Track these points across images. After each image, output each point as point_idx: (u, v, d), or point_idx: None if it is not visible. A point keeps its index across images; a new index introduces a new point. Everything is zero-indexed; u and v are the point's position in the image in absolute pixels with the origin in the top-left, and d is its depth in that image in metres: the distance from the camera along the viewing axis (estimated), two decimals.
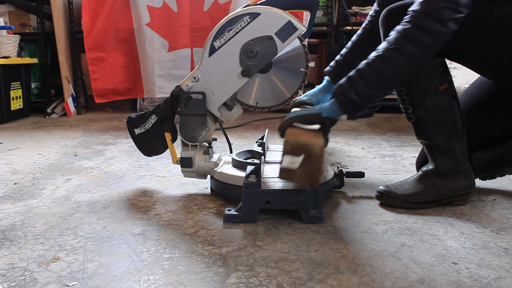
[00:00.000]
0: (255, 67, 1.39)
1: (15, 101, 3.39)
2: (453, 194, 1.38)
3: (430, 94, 1.35)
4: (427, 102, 1.35)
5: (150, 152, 1.59)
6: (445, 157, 1.37)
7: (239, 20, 1.37)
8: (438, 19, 1.15)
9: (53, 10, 3.49)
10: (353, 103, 1.23)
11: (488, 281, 0.94)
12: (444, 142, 1.37)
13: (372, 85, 1.22)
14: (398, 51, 1.19)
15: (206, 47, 1.41)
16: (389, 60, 1.20)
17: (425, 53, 1.19)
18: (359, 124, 2.96)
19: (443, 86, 1.35)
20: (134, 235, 1.20)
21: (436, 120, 1.36)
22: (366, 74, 1.22)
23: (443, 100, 1.35)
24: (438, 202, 1.38)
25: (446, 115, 1.36)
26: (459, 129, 1.37)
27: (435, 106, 1.35)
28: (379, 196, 1.42)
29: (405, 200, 1.37)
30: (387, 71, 1.20)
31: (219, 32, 1.39)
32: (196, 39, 3.37)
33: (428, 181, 1.38)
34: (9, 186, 1.67)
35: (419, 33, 1.17)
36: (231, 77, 1.41)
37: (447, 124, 1.36)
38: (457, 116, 1.37)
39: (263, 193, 1.26)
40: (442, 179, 1.37)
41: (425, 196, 1.37)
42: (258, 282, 0.95)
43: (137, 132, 1.55)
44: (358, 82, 1.23)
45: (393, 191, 1.39)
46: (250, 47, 1.37)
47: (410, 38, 1.17)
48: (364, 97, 1.23)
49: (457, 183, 1.37)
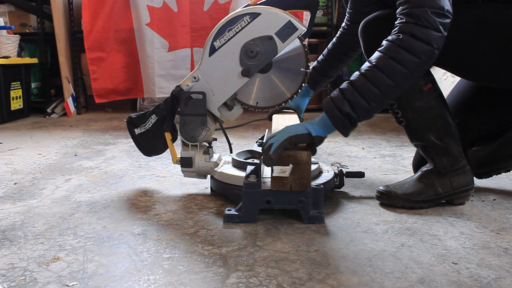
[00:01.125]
0: (255, 67, 1.39)
1: (15, 101, 3.39)
2: (453, 192, 1.38)
3: (416, 96, 1.35)
4: (414, 104, 1.36)
5: (150, 152, 1.59)
6: (441, 155, 1.38)
7: (239, 20, 1.36)
8: (429, 25, 1.15)
9: (53, 10, 3.49)
10: (348, 117, 1.20)
11: (488, 281, 0.94)
12: (437, 141, 1.37)
13: (369, 97, 1.18)
14: (395, 60, 1.16)
15: (206, 47, 1.41)
16: (386, 69, 1.17)
17: (422, 60, 1.17)
18: (359, 124, 2.95)
19: (428, 86, 1.36)
20: (134, 235, 1.20)
21: (426, 120, 1.37)
22: (362, 85, 1.19)
23: (430, 100, 1.36)
24: (438, 200, 1.39)
25: (435, 114, 1.37)
26: (450, 126, 1.38)
27: (423, 106, 1.36)
28: (379, 196, 1.42)
29: (405, 200, 1.37)
30: (386, 81, 1.17)
31: (219, 32, 1.39)
32: (196, 39, 3.37)
33: (428, 180, 1.39)
34: (9, 186, 1.67)
35: (414, 41, 1.15)
36: (231, 77, 1.41)
37: (438, 123, 1.37)
38: (446, 113, 1.38)
39: (263, 193, 1.26)
40: (441, 177, 1.38)
41: (425, 195, 1.37)
42: (258, 282, 0.95)
43: (137, 132, 1.55)
44: (352, 94, 1.19)
45: (393, 190, 1.39)
46: (250, 47, 1.37)
47: (405, 46, 1.16)
48: (360, 111, 1.19)
49: (456, 181, 1.38)
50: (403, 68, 1.16)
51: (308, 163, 1.23)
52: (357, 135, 2.61)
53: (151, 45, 3.36)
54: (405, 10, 1.19)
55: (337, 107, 1.20)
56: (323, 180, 1.41)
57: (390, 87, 1.18)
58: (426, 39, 1.15)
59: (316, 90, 1.80)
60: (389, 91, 1.19)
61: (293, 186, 1.24)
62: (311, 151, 1.24)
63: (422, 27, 1.15)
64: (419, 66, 1.17)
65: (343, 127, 1.22)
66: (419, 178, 1.41)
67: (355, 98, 1.19)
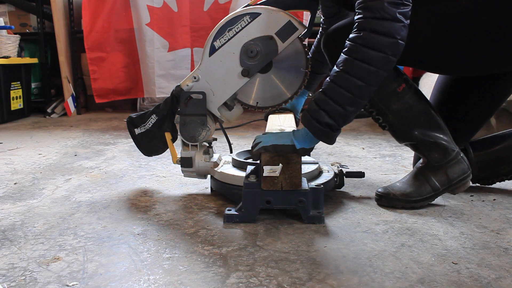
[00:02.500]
0: (256, 67, 1.39)
1: (15, 101, 3.39)
2: (450, 184, 1.38)
3: (392, 99, 1.34)
4: (392, 107, 1.35)
5: (150, 152, 1.59)
6: (431, 150, 1.37)
7: (240, 20, 1.36)
8: (388, 17, 1.13)
9: (53, 10, 3.49)
10: (327, 126, 1.20)
11: (488, 281, 0.94)
12: (424, 137, 1.36)
13: (344, 102, 1.17)
14: (360, 60, 1.15)
15: (206, 47, 1.41)
16: (354, 72, 1.15)
17: (388, 54, 1.15)
18: (359, 124, 2.96)
19: (401, 87, 1.35)
20: (134, 235, 1.20)
21: (408, 120, 1.36)
22: (333, 92, 1.18)
23: (407, 100, 1.35)
24: (437, 195, 1.39)
25: (415, 111, 1.36)
26: (434, 118, 1.37)
27: (402, 108, 1.35)
28: (378, 199, 1.42)
29: (405, 201, 1.37)
30: (355, 83, 1.16)
31: (219, 32, 1.39)
32: (196, 39, 3.37)
33: (423, 175, 1.39)
34: (9, 186, 1.67)
35: (375, 36, 1.13)
36: (231, 77, 1.41)
37: (420, 119, 1.36)
38: (427, 108, 1.37)
39: (263, 193, 1.26)
40: (436, 171, 1.37)
41: (423, 192, 1.37)
42: (258, 282, 0.95)
43: (137, 132, 1.55)
44: (326, 103, 1.19)
45: (392, 192, 1.39)
46: (251, 47, 1.37)
47: (367, 44, 1.14)
48: (337, 118, 1.19)
49: (452, 171, 1.37)
50: (370, 66, 1.14)
51: (298, 162, 1.24)
52: (357, 135, 2.61)
53: (151, 45, 3.36)
54: (361, 4, 1.16)
55: (315, 119, 1.20)
56: (323, 180, 1.41)
57: (362, 88, 1.16)
58: (388, 32, 1.13)
59: (311, 89, 1.80)
60: (361, 92, 1.17)
61: (284, 186, 1.25)
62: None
63: (381, 20, 1.13)
64: (387, 61, 1.15)
65: (326, 137, 1.22)
66: (415, 176, 1.40)
67: (329, 106, 1.18)
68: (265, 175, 1.24)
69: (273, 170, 1.24)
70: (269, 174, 1.24)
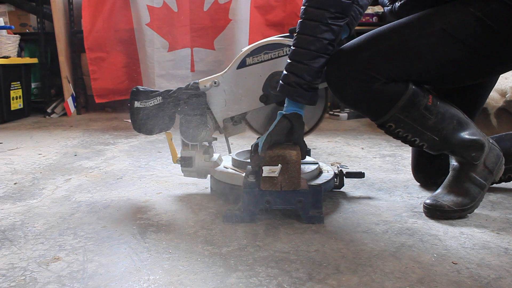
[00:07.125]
0: (275, 97, 1.40)
1: (15, 101, 3.39)
2: (491, 174, 1.36)
3: (426, 116, 1.31)
4: (428, 123, 1.31)
5: (139, 129, 1.54)
6: (469, 150, 1.34)
7: (279, 48, 1.38)
8: None
9: (53, 10, 3.49)
10: (298, 85, 1.25)
11: (488, 281, 0.94)
12: (461, 141, 1.34)
13: (303, 58, 1.25)
14: (306, 19, 1.25)
15: (238, 59, 1.41)
16: (303, 30, 1.26)
17: (332, 12, 1.23)
18: (359, 124, 2.96)
19: (430, 99, 1.31)
20: (134, 235, 1.20)
21: (444, 130, 1.33)
22: (293, 53, 1.27)
23: (438, 109, 1.32)
24: (485, 191, 1.36)
25: (448, 118, 1.33)
26: (462, 116, 1.36)
27: (436, 120, 1.32)
28: (429, 212, 1.33)
29: (461, 210, 1.31)
30: (307, 39, 1.25)
31: (256, 51, 1.40)
32: (196, 39, 3.37)
33: (465, 177, 1.35)
34: (9, 186, 1.67)
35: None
36: (250, 97, 1.41)
37: (454, 124, 1.34)
38: (454, 110, 1.35)
39: (263, 193, 1.26)
40: (475, 168, 1.35)
41: (474, 195, 1.33)
42: (258, 282, 0.95)
43: (136, 105, 1.51)
44: (290, 65, 1.27)
45: (443, 203, 1.32)
46: (278, 77, 1.35)
47: (311, 3, 1.24)
48: (303, 74, 1.25)
49: (489, 162, 1.35)
50: (315, 22, 1.24)
51: (297, 162, 1.25)
52: (357, 135, 2.61)
53: (151, 45, 3.36)
54: None
55: (286, 83, 1.27)
56: (323, 180, 1.41)
57: (313, 42, 1.25)
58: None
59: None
60: (314, 46, 1.25)
61: (283, 186, 1.25)
62: (301, 152, 1.27)
63: None
64: (329, 16, 1.24)
65: (301, 96, 1.27)
66: (457, 179, 1.36)
67: (293, 66, 1.26)
68: (264, 176, 1.24)
69: (272, 170, 1.24)
70: (269, 174, 1.24)
